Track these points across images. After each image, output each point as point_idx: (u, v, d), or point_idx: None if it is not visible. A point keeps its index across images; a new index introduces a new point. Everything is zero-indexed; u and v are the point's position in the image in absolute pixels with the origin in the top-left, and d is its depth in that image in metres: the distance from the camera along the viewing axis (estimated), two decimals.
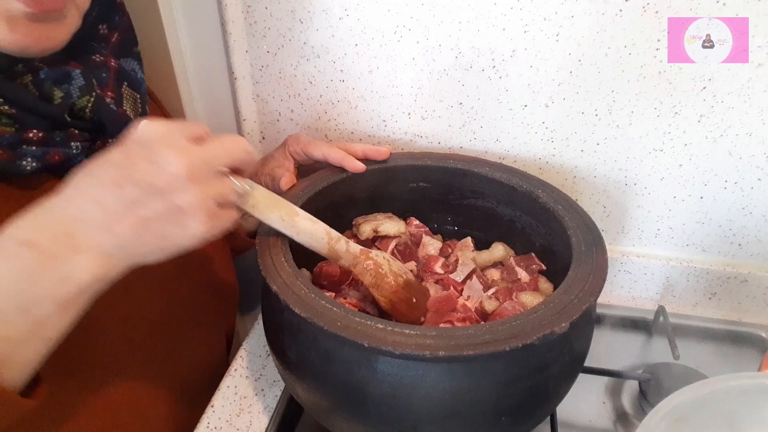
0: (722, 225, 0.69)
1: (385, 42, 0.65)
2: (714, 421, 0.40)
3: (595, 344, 0.68)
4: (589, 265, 0.48)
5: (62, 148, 0.45)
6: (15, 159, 0.42)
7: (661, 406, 0.38)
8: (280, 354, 0.49)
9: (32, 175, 0.44)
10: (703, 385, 0.40)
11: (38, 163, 0.43)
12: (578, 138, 0.66)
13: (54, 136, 0.44)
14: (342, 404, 0.45)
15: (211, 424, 0.58)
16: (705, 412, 0.39)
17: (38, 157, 0.43)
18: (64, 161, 0.45)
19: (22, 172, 0.43)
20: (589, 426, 0.60)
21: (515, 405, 0.43)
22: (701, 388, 0.40)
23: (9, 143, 0.42)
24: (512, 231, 0.64)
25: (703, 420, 0.39)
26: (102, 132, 0.48)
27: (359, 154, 0.62)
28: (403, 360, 0.40)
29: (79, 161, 0.46)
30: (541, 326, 0.41)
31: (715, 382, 0.40)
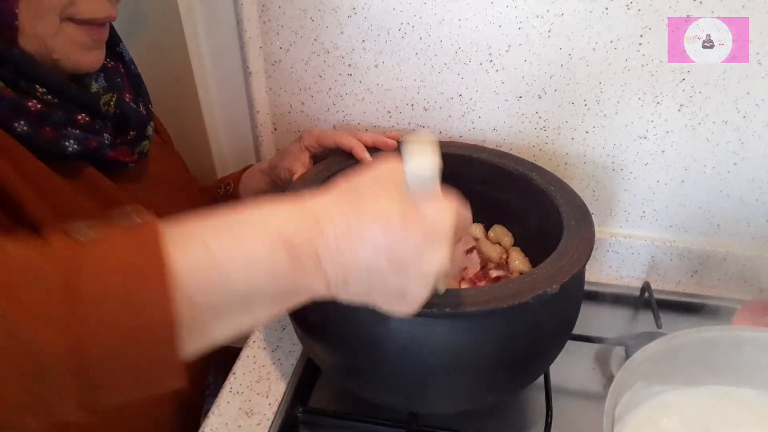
0: (702, 207, 0.74)
1: (390, 38, 0.70)
2: (687, 366, 0.46)
3: (585, 318, 0.74)
4: (577, 237, 0.53)
5: (99, 136, 0.50)
6: (59, 139, 0.47)
7: (640, 352, 0.43)
8: (301, 319, 0.54)
9: (70, 159, 0.48)
10: (679, 336, 0.45)
11: (79, 146, 0.48)
12: (569, 127, 0.72)
13: (95, 123, 0.50)
14: (358, 361, 0.50)
15: (233, 389, 0.63)
16: (679, 358, 0.45)
17: (80, 141, 0.48)
18: (98, 149, 0.50)
19: (64, 153, 0.47)
20: (580, 389, 0.65)
21: (512, 360, 0.49)
22: (677, 337, 0.45)
23: (58, 121, 0.46)
24: (508, 214, 0.69)
25: (677, 365, 0.45)
26: (123, 129, 0.54)
27: (369, 143, 0.67)
28: (413, 317, 0.46)
29: (107, 152, 0.51)
30: (535, 287, 0.46)
31: (690, 332, 0.46)
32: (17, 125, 0.44)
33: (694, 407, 0.48)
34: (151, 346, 0.27)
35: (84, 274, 0.26)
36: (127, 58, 0.58)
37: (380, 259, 0.32)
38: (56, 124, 0.46)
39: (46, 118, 0.45)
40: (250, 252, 0.30)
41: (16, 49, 0.44)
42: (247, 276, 0.29)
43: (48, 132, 0.46)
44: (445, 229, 0.34)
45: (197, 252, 0.28)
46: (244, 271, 0.29)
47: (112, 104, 0.52)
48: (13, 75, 0.44)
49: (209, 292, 0.28)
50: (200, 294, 0.28)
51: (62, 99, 0.47)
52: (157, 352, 0.27)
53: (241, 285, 0.29)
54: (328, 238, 0.31)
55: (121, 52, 0.58)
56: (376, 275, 0.33)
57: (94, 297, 0.25)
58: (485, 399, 0.52)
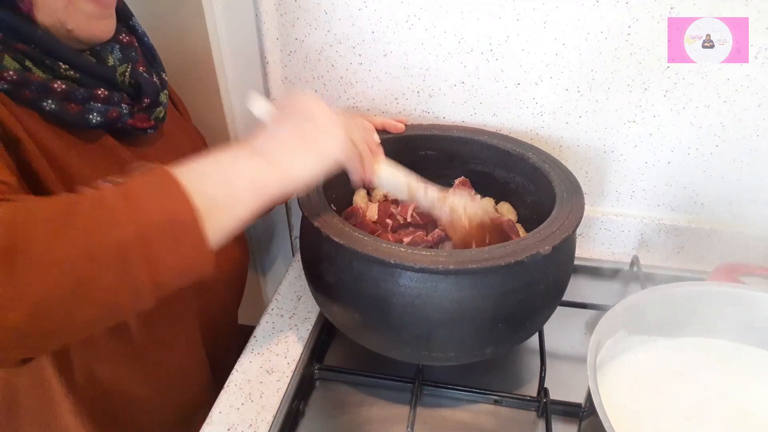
0: (687, 186, 0.80)
1: (398, 29, 0.76)
2: (665, 317, 0.51)
3: (579, 288, 0.80)
4: (569, 206, 0.59)
5: (118, 107, 0.55)
6: (84, 113, 0.52)
7: (622, 302, 0.49)
8: (317, 280, 0.60)
9: (94, 128, 0.54)
10: (657, 289, 0.51)
11: (102, 118, 0.53)
12: (563, 112, 0.77)
13: (113, 96, 0.55)
14: (371, 316, 0.55)
15: (254, 351, 0.69)
16: (658, 310, 0.50)
17: (102, 113, 0.53)
18: (118, 118, 0.55)
19: (89, 124, 0.53)
20: (572, 353, 0.71)
21: (509, 314, 0.54)
22: (655, 290, 0.51)
23: (82, 98, 0.52)
24: (507, 191, 0.75)
25: (655, 316, 0.51)
26: (138, 98, 0.59)
27: (379, 126, 0.72)
28: (420, 273, 0.51)
29: (126, 120, 0.57)
30: (529, 248, 0.52)
31: (667, 287, 0.51)
32: (45, 104, 0.50)
33: (671, 357, 0.53)
34: (187, 232, 0.39)
35: (129, 193, 0.38)
36: (140, 31, 0.63)
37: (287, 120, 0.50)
38: (79, 100, 0.52)
39: (70, 95, 0.51)
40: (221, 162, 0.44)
41: (41, 29, 0.49)
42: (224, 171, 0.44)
43: (73, 108, 0.52)
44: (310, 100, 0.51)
45: (196, 169, 0.42)
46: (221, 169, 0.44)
47: (127, 75, 0.57)
48: (39, 54, 0.49)
49: (208, 189, 0.41)
50: (203, 192, 0.40)
51: (83, 73, 0.52)
52: (190, 236, 0.39)
53: (223, 174, 0.43)
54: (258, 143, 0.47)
55: (134, 26, 0.62)
56: (296, 130, 0.48)
57: (144, 207, 0.38)
58: (485, 351, 0.57)
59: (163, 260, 0.38)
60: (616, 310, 0.48)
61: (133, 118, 0.58)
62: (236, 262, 0.75)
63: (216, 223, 0.41)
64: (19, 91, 0.48)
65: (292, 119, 0.50)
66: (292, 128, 0.49)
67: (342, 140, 0.51)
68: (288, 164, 0.47)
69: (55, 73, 0.51)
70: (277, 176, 0.46)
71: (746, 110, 0.72)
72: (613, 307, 0.48)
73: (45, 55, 0.50)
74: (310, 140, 0.48)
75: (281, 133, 0.49)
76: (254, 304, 1.09)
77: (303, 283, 0.80)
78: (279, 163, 0.46)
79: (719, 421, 0.50)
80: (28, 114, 0.50)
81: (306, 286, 0.79)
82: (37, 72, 0.50)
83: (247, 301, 0.85)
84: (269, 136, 0.48)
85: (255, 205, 0.44)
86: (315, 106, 0.51)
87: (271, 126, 0.50)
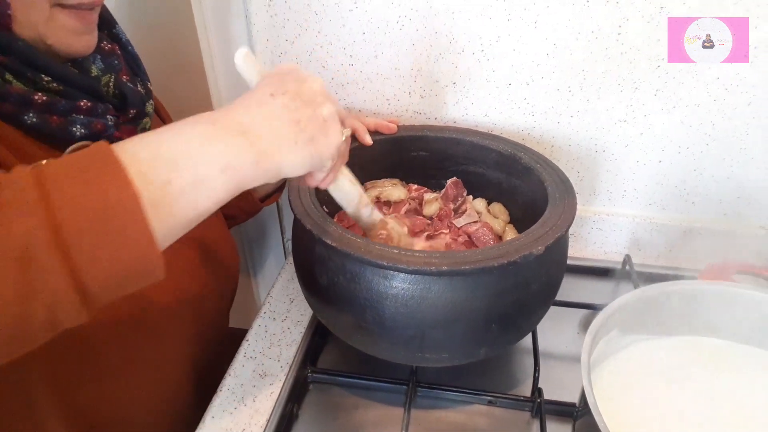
0: (678, 185, 0.80)
1: (389, 30, 0.75)
2: (659, 316, 0.51)
3: (571, 288, 0.80)
4: (561, 207, 0.59)
5: (102, 119, 0.54)
6: (67, 125, 0.51)
7: (615, 301, 0.49)
8: (311, 283, 0.59)
9: (78, 141, 0.52)
10: (651, 288, 0.51)
11: (85, 130, 0.52)
12: (555, 111, 0.78)
13: (97, 107, 0.53)
14: (364, 318, 0.55)
15: (247, 354, 0.68)
16: (651, 309, 0.51)
17: (85, 125, 0.52)
18: (103, 130, 0.53)
19: (73, 137, 0.51)
20: (566, 352, 0.71)
21: (503, 315, 0.54)
22: (649, 290, 0.51)
23: (64, 110, 0.51)
24: (500, 192, 0.75)
25: (649, 315, 0.51)
26: (123, 109, 0.57)
27: (371, 127, 0.72)
28: (414, 275, 0.51)
29: (112, 133, 0.54)
30: (522, 248, 0.52)
31: (660, 286, 0.52)
32: (26, 117, 0.48)
33: (664, 356, 0.54)
34: (122, 220, 0.31)
35: (50, 176, 0.31)
36: (123, 39, 0.61)
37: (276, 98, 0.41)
38: (62, 112, 0.50)
39: (52, 108, 0.50)
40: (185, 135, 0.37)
41: (21, 41, 0.47)
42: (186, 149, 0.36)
43: (55, 120, 0.50)
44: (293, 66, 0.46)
45: (141, 144, 0.35)
46: (183, 145, 0.36)
47: (111, 85, 0.56)
48: (20, 66, 0.48)
49: (159, 169, 0.34)
50: (151, 171, 0.33)
51: (66, 85, 0.51)
52: (128, 226, 0.31)
53: (182, 157, 0.35)
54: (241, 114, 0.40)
55: (117, 34, 0.60)
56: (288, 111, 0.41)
57: (63, 188, 0.30)
58: (479, 352, 0.57)
59: (89, 256, 0.30)
60: (609, 310, 0.48)
61: (119, 131, 0.56)
62: (228, 270, 0.74)
63: (168, 215, 0.34)
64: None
65: (291, 98, 0.42)
66: (288, 110, 0.41)
67: (337, 146, 0.45)
68: (273, 152, 0.40)
69: (37, 86, 0.49)
70: (257, 164, 0.39)
71: (736, 109, 0.72)
72: (606, 306, 0.49)
73: (26, 66, 0.48)
74: (306, 133, 0.42)
75: (273, 111, 0.41)
76: (246, 307, 1.08)
77: (295, 286, 0.79)
78: (262, 149, 0.39)
79: (712, 418, 0.50)
80: (9, 129, 0.48)
81: (299, 289, 0.78)
82: (17, 85, 0.48)
83: (239, 304, 0.84)
84: (257, 111, 0.40)
85: (224, 195, 0.37)
86: (322, 93, 0.44)
87: (261, 97, 0.41)
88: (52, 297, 0.30)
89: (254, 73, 0.47)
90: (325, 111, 0.44)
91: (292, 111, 0.41)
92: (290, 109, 0.41)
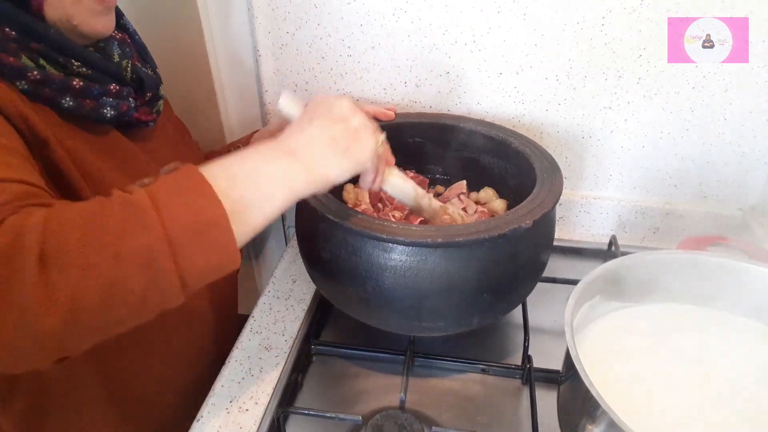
0: (660, 169, 0.84)
1: (385, 22, 0.79)
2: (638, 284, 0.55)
3: (560, 267, 0.84)
4: (548, 185, 0.62)
5: (126, 101, 0.58)
6: (99, 108, 0.55)
7: (598, 269, 0.53)
8: (314, 259, 0.63)
9: (107, 123, 0.57)
10: (630, 257, 0.55)
11: (114, 112, 0.56)
12: (543, 99, 0.82)
13: (122, 90, 0.58)
14: (365, 289, 0.59)
15: (253, 329, 0.72)
16: (631, 276, 0.55)
17: (114, 107, 0.56)
18: (127, 112, 0.58)
19: (104, 119, 0.56)
20: (554, 326, 0.75)
21: (494, 284, 0.58)
22: (629, 258, 0.55)
23: (97, 93, 0.55)
24: (491, 176, 0.79)
25: (629, 283, 0.55)
26: (141, 92, 0.62)
27: (370, 114, 0.76)
28: (411, 247, 0.55)
29: (132, 114, 0.59)
30: (512, 222, 0.56)
31: (640, 255, 0.56)
32: (64, 101, 0.53)
33: (645, 322, 0.58)
34: (215, 233, 0.40)
35: (161, 198, 0.39)
36: (131, 29, 0.66)
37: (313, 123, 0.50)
38: (95, 95, 0.55)
39: (86, 92, 0.54)
40: (250, 159, 0.45)
41: (53, 28, 0.52)
42: (251, 170, 0.44)
43: (89, 103, 0.54)
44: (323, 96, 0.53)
45: (219, 168, 0.43)
46: (249, 167, 0.44)
47: (129, 70, 0.60)
48: (52, 52, 0.52)
49: (235, 188, 0.42)
50: (229, 189, 0.41)
51: (94, 69, 0.55)
52: (219, 237, 0.40)
53: (249, 176, 0.44)
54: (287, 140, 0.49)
55: (125, 24, 0.65)
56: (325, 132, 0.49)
57: (170, 208, 0.39)
58: (472, 321, 0.61)
59: (190, 261, 0.39)
60: (591, 276, 0.52)
61: (137, 112, 0.61)
62: None
63: (244, 223, 0.42)
64: (38, 89, 0.51)
65: (325, 120, 0.50)
66: (325, 130, 0.49)
67: (372, 149, 0.52)
68: (319, 165, 0.48)
69: (68, 70, 0.53)
70: (307, 177, 0.47)
71: (713, 95, 0.77)
72: (590, 273, 0.52)
73: (57, 52, 0.52)
74: (342, 145, 0.49)
75: (313, 134, 0.49)
76: (249, 293, 1.12)
77: (297, 268, 0.83)
78: (310, 164, 0.47)
79: (688, 379, 0.54)
80: (46, 112, 0.52)
81: (300, 270, 0.82)
82: (52, 70, 0.52)
83: (243, 290, 0.88)
84: (301, 136, 0.49)
85: (284, 204, 0.45)
86: (349, 110, 0.51)
87: (302, 125, 0.50)
88: (165, 289, 0.39)
89: (296, 110, 0.56)
90: (354, 122, 0.51)
91: (327, 130, 0.49)
92: (325, 129, 0.49)
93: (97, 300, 0.36)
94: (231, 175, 0.43)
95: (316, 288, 0.77)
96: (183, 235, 0.38)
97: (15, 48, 0.50)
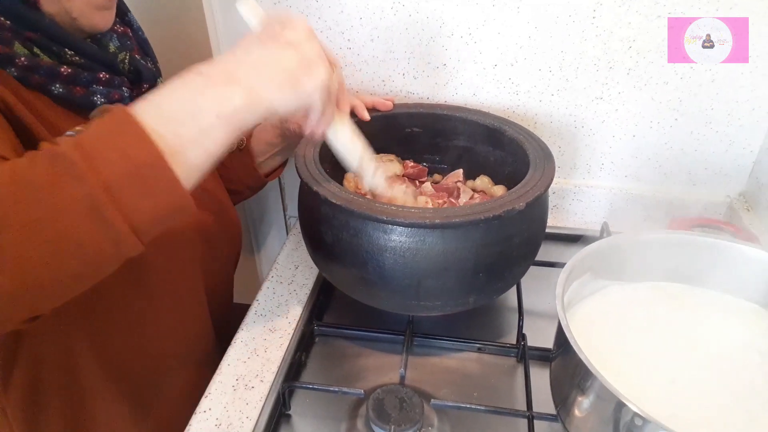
0: (651, 158, 0.87)
1: (384, 15, 0.82)
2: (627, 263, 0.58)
3: (553, 253, 0.86)
4: (541, 170, 0.65)
5: (118, 90, 0.60)
6: (89, 95, 0.58)
7: (587, 247, 0.56)
8: (317, 242, 0.66)
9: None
10: (619, 236, 0.58)
11: (105, 99, 0.59)
12: (537, 90, 0.84)
13: (114, 79, 0.60)
14: (366, 270, 0.61)
15: (258, 312, 0.75)
16: (620, 255, 0.57)
17: (104, 95, 0.59)
18: (120, 100, 0.60)
19: (94, 106, 0.58)
20: (548, 309, 0.77)
21: (489, 265, 0.61)
22: (618, 237, 0.58)
23: (86, 81, 0.57)
24: (487, 164, 0.81)
25: (618, 261, 0.58)
26: (137, 83, 0.64)
27: (369, 104, 0.78)
28: (410, 228, 0.58)
29: (127, 103, 0.59)
30: (506, 204, 0.58)
31: (628, 234, 0.58)
32: (53, 88, 0.55)
33: (633, 299, 0.60)
34: (153, 173, 0.39)
35: (89, 146, 0.38)
36: (135, 25, 0.68)
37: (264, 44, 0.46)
38: (84, 83, 0.57)
39: (75, 79, 0.56)
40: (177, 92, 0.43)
41: (48, 19, 0.54)
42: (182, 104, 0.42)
43: (78, 90, 0.57)
44: (281, 15, 0.49)
45: (148, 106, 0.41)
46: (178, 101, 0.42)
47: (126, 61, 0.62)
48: (46, 41, 0.54)
49: (167, 125, 0.40)
50: (161, 127, 0.40)
51: (87, 58, 0.57)
52: (159, 177, 0.39)
53: (181, 111, 0.41)
54: (230, 59, 0.46)
55: (129, 20, 0.67)
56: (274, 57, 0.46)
57: (102, 155, 0.37)
58: (468, 300, 0.64)
59: (135, 207, 0.38)
60: (582, 253, 0.55)
61: (133, 102, 0.62)
62: (233, 222, 0.81)
63: (184, 163, 0.40)
64: (28, 76, 0.53)
65: (275, 43, 0.46)
66: (272, 53, 0.46)
67: (322, 82, 0.48)
68: (261, 94, 0.44)
69: (62, 59, 0.56)
70: (249, 107, 0.44)
71: (701, 86, 0.79)
72: (580, 250, 0.55)
73: (51, 41, 0.54)
74: (288, 73, 0.46)
75: (259, 56, 0.46)
76: (250, 283, 1.14)
77: (299, 254, 0.86)
78: (250, 92, 0.44)
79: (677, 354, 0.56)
80: (40, 98, 0.55)
81: (302, 257, 0.85)
82: (44, 58, 0.54)
83: (244, 279, 0.90)
84: (246, 58, 0.45)
85: (225, 138, 0.43)
86: (304, 35, 0.48)
87: (250, 46, 0.46)
88: (116, 238, 0.38)
89: (255, 20, 0.52)
90: (307, 49, 0.47)
91: (275, 54, 0.46)
92: (273, 53, 0.46)
93: (44, 255, 0.36)
94: (163, 112, 0.41)
95: (318, 273, 0.80)
96: (119, 180, 0.37)
97: (9, 37, 0.52)
